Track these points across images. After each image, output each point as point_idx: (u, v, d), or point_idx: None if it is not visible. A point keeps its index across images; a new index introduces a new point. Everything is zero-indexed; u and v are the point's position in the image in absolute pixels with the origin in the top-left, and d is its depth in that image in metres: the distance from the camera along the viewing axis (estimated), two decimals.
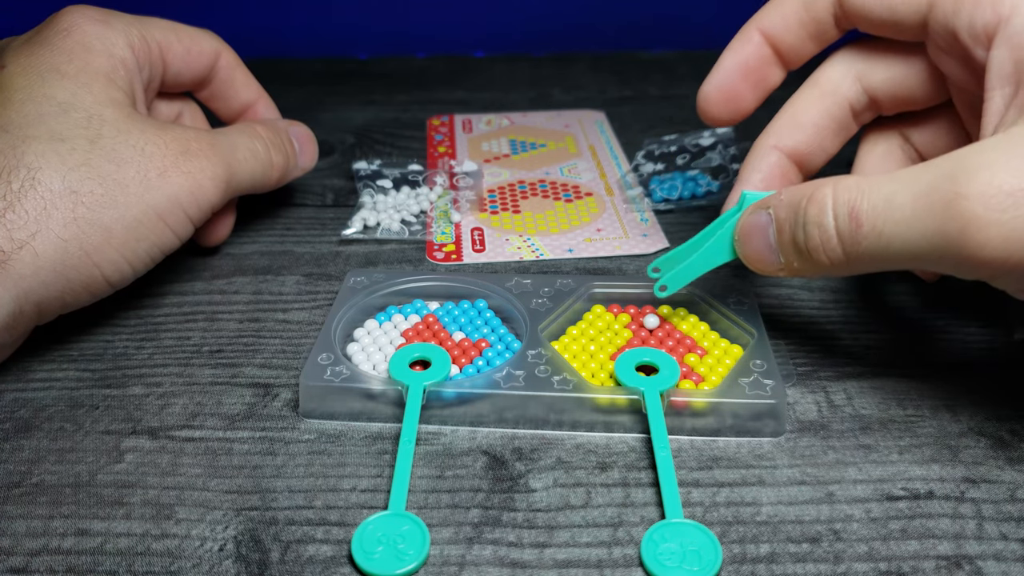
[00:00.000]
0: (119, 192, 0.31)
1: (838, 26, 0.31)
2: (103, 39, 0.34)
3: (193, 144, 0.34)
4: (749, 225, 0.28)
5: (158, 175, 0.32)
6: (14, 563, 0.25)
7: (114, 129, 0.32)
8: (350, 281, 0.36)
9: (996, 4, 0.26)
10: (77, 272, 0.31)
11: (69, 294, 0.31)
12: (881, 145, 0.33)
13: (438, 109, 0.58)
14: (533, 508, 0.27)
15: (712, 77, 0.33)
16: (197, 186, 0.33)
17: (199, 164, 0.34)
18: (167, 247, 0.33)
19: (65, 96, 0.32)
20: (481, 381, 0.30)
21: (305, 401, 0.30)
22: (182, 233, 0.34)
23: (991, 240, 0.22)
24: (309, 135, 0.42)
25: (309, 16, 0.69)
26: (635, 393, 0.29)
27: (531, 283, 0.36)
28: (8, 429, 0.30)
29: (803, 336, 0.34)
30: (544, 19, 0.69)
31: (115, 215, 0.31)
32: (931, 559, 0.25)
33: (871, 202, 0.24)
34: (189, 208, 0.33)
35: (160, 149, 0.33)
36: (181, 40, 0.38)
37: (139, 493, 0.27)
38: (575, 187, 0.47)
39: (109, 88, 0.33)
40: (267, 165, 0.38)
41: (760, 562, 0.25)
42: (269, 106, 0.43)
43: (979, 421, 0.30)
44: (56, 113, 0.31)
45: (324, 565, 0.25)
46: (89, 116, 0.32)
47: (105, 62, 0.34)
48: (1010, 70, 0.25)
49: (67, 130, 0.31)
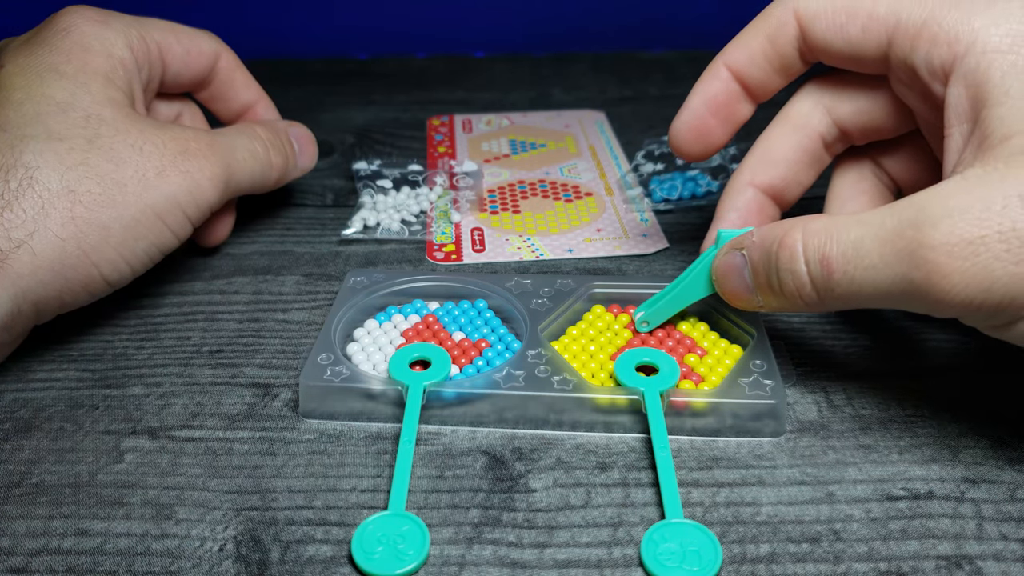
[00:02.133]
0: (117, 191, 0.31)
1: (803, 60, 0.31)
2: (102, 39, 0.34)
3: (192, 144, 0.34)
4: (725, 265, 0.29)
5: (156, 175, 0.32)
6: (14, 563, 0.25)
7: (112, 129, 0.32)
8: (350, 281, 0.36)
9: (952, 42, 0.26)
10: (75, 271, 0.31)
11: (67, 293, 0.31)
12: (853, 173, 0.33)
13: (438, 109, 0.58)
14: (533, 508, 0.27)
15: (681, 115, 0.33)
16: (196, 186, 0.33)
17: (198, 164, 0.34)
18: (166, 247, 0.33)
19: (63, 96, 0.32)
20: (481, 381, 0.30)
21: (305, 401, 0.30)
22: (181, 233, 0.34)
23: (955, 286, 0.23)
24: (309, 136, 0.42)
25: (309, 16, 0.69)
26: (635, 393, 0.29)
27: (531, 283, 0.36)
28: (8, 429, 0.30)
29: (803, 336, 0.34)
30: (544, 19, 0.69)
31: (113, 214, 0.31)
32: (931, 559, 0.25)
33: (840, 248, 0.25)
34: (188, 208, 0.33)
35: (158, 148, 0.33)
36: (181, 41, 0.38)
37: (139, 493, 0.27)
38: (575, 187, 0.47)
39: (107, 88, 0.33)
40: (266, 166, 0.38)
41: (760, 562, 0.25)
42: (269, 107, 0.43)
43: (979, 421, 0.30)
44: (54, 112, 0.31)
45: (324, 565, 0.25)
46: (87, 116, 0.32)
47: (104, 62, 0.34)
48: (966, 107, 0.26)
49: (65, 129, 0.31)
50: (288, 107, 0.59)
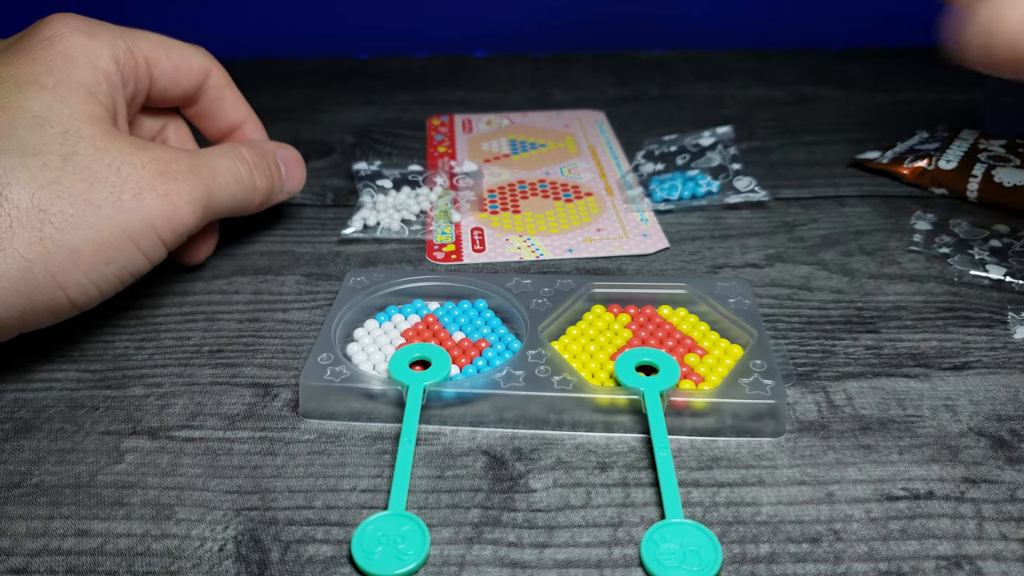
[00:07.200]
0: (90, 213, 0.30)
1: None
2: (87, 51, 0.33)
3: (172, 166, 0.33)
4: None
5: (132, 196, 0.31)
6: (14, 563, 0.25)
7: (90, 147, 0.31)
8: (350, 281, 0.36)
9: None
10: (40, 293, 0.29)
11: (31, 315, 0.30)
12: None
13: (438, 109, 0.58)
14: (533, 508, 0.27)
15: None
16: (173, 209, 0.32)
17: (176, 187, 0.32)
18: (137, 270, 0.32)
19: (41, 109, 0.31)
20: (481, 381, 0.30)
21: (305, 401, 0.30)
22: (154, 256, 0.32)
23: None
24: (297, 158, 0.41)
25: (309, 16, 0.69)
26: (635, 393, 0.29)
27: (531, 283, 0.36)
28: (8, 429, 0.30)
29: (803, 336, 0.34)
30: (544, 19, 0.69)
31: (84, 236, 0.30)
32: (931, 559, 0.25)
33: None
34: (163, 232, 0.32)
35: (136, 170, 0.31)
36: (170, 56, 0.37)
37: (139, 493, 0.27)
38: (575, 187, 0.47)
39: (88, 103, 0.32)
40: (249, 189, 0.37)
41: (760, 562, 0.25)
42: (257, 127, 0.41)
43: (979, 421, 0.30)
44: (31, 126, 0.30)
45: (324, 565, 0.25)
46: (65, 131, 0.31)
47: (87, 75, 0.32)
48: None
49: (41, 145, 0.30)
50: (288, 107, 0.59)
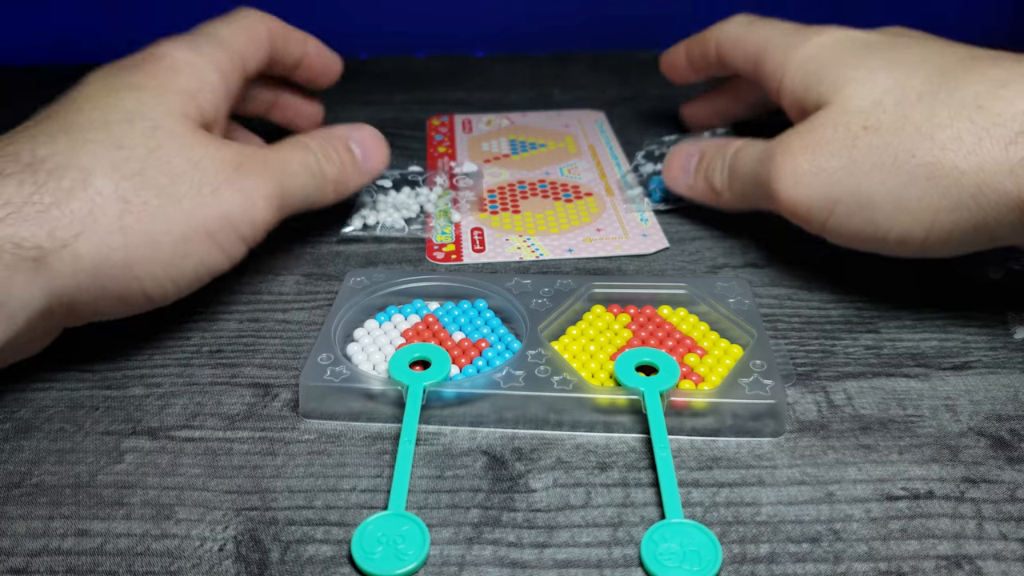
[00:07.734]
0: (170, 206, 0.30)
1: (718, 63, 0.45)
2: (192, 63, 0.35)
3: (247, 162, 0.33)
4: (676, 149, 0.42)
5: (211, 192, 0.31)
6: (14, 563, 0.25)
7: (176, 143, 0.32)
8: (350, 281, 0.36)
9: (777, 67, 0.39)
10: (116, 282, 0.30)
11: (104, 302, 0.30)
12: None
13: (438, 109, 0.58)
14: (533, 508, 0.27)
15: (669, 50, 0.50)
16: (250, 204, 0.33)
17: (252, 182, 0.33)
18: (215, 267, 0.32)
19: (135, 105, 0.32)
20: (481, 381, 0.30)
21: (305, 401, 0.30)
22: (233, 253, 0.33)
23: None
24: (373, 137, 0.40)
25: (309, 16, 0.69)
26: (635, 393, 0.29)
27: (531, 283, 0.36)
28: (8, 429, 0.30)
29: (803, 336, 0.34)
30: (544, 19, 0.69)
31: (163, 229, 0.30)
32: (931, 559, 0.25)
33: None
34: (242, 227, 0.32)
35: (215, 164, 0.32)
36: (257, 45, 0.40)
37: (139, 493, 0.27)
38: (575, 187, 0.47)
39: (185, 103, 0.33)
40: (320, 178, 0.37)
41: (760, 562, 0.25)
42: (317, 44, 0.45)
43: (979, 421, 0.30)
44: (121, 121, 0.31)
45: (324, 565, 0.25)
46: (155, 127, 0.31)
47: (191, 83, 0.34)
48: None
49: (128, 139, 0.31)
50: None
